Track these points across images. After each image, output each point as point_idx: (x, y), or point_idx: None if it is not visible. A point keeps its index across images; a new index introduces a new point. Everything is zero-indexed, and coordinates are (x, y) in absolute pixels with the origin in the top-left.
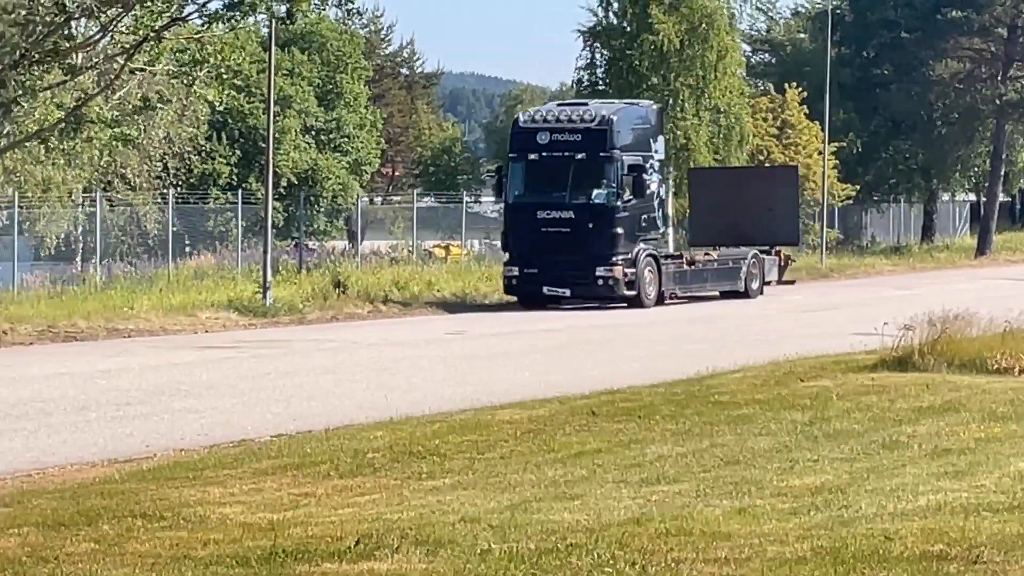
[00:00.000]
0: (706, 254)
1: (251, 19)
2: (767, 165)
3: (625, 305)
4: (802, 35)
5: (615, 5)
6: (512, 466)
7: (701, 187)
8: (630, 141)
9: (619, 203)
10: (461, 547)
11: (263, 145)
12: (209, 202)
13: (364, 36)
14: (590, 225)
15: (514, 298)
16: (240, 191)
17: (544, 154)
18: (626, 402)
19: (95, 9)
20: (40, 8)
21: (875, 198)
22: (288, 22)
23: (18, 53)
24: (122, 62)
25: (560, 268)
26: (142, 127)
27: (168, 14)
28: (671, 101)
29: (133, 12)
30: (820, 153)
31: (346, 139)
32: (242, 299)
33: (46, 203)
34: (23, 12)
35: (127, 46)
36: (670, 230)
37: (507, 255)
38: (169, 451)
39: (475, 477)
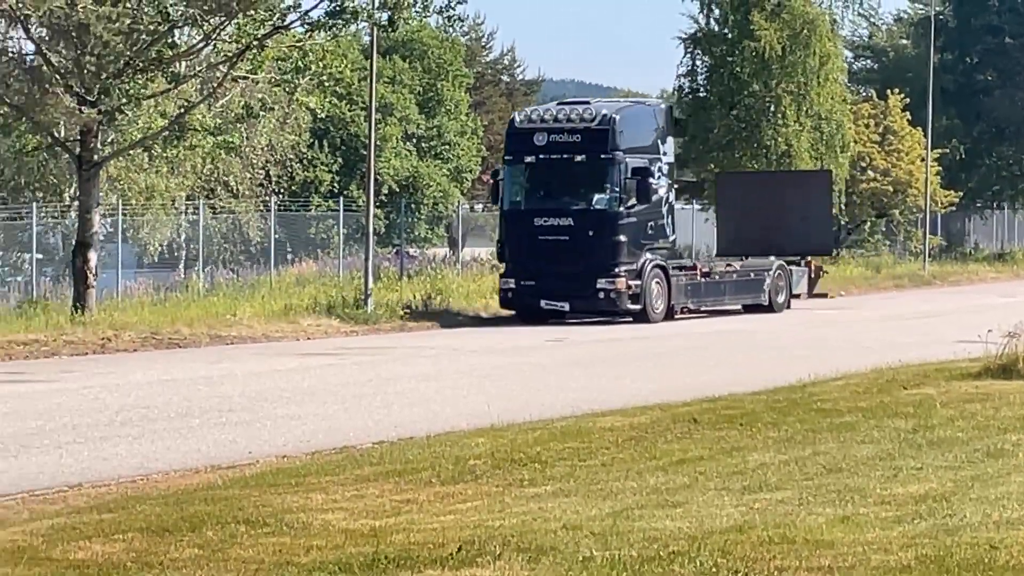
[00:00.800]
0: (728, 265)
1: (353, 27)
2: (800, 170)
3: (630, 320)
4: (904, 41)
5: (716, 12)
6: (614, 473)
7: (730, 193)
8: (635, 142)
9: (622, 209)
10: (563, 554)
11: (364, 152)
12: (311, 209)
13: (465, 43)
14: (590, 233)
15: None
16: (341, 198)
17: (542, 156)
18: (728, 409)
19: (198, 18)
20: (144, 17)
21: (978, 204)
22: (390, 30)
23: (122, 62)
24: (225, 70)
25: (559, 280)
26: (244, 135)
27: (271, 22)
28: (772, 107)
29: (236, 20)
30: (923, 160)
31: (447, 146)
32: (343, 306)
33: (149, 211)
34: (127, 21)
35: (230, 54)
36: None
37: (503, 266)
38: (271, 457)
39: (576, 484)
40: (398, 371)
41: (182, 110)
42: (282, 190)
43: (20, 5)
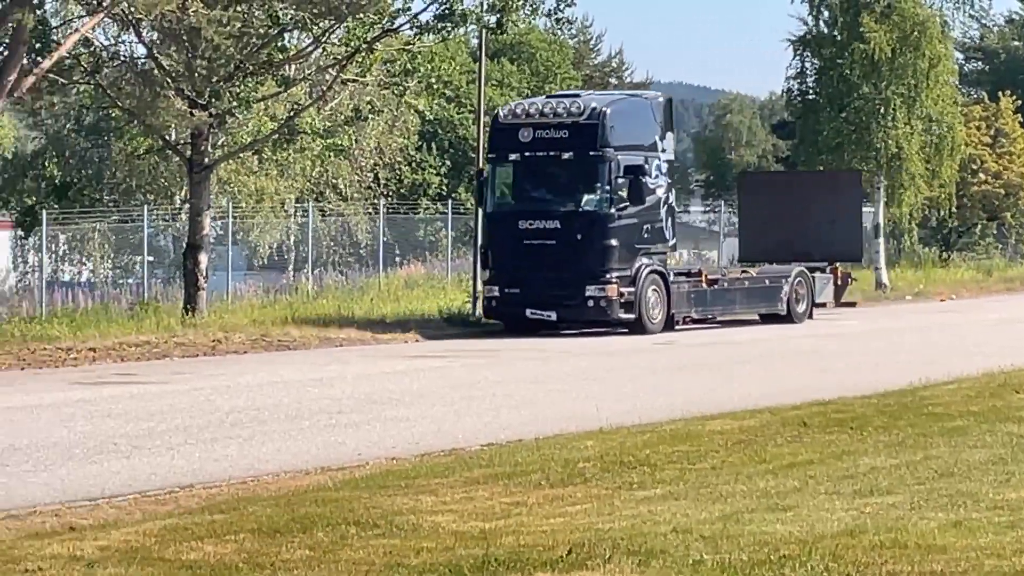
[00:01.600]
0: (743, 271)
1: (462, 30)
2: (828, 170)
3: (626, 331)
4: (1016, 42)
5: (825, 14)
6: (723, 477)
7: (754, 195)
8: (628, 138)
9: (613, 210)
10: (673, 558)
11: (473, 155)
12: (419, 212)
13: (573, 46)
14: (579, 236)
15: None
16: (450, 201)
17: (527, 154)
18: (838, 413)
19: (308, 21)
20: (255, 21)
21: None
22: (498, 32)
23: (233, 65)
24: (334, 73)
25: (545, 287)
26: (353, 137)
27: (380, 25)
28: (882, 110)
29: (345, 24)
30: None
31: None
32: (452, 308)
33: (259, 213)
34: (238, 25)
35: (339, 57)
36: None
37: (487, 272)
38: (381, 459)
39: (686, 488)
40: (506, 374)
41: (292, 113)
42: (391, 193)
43: (132, 9)
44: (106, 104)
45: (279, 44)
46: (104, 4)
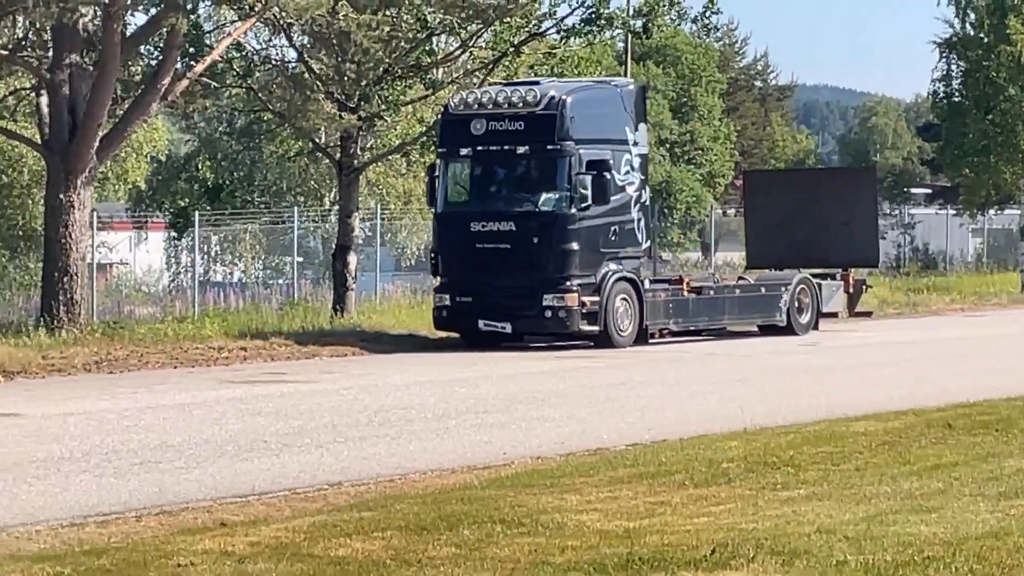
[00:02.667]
0: (740, 278)
1: (608, 33)
2: (840, 167)
3: (592, 344)
4: None
5: (972, 16)
6: (867, 478)
7: (761, 196)
8: (593, 130)
9: (574, 210)
10: (817, 558)
11: None
12: None
13: (718, 49)
14: (535, 240)
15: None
16: None
17: (479, 148)
18: (983, 415)
19: (456, 25)
20: (403, 25)
21: None
22: (644, 36)
23: (381, 68)
24: (481, 76)
25: (499, 296)
26: None
27: (526, 29)
28: None
29: (492, 28)
30: None
31: (700, 151)
32: None
33: (407, 215)
34: (387, 29)
35: (486, 61)
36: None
37: (437, 279)
38: (526, 459)
39: (830, 488)
40: (649, 375)
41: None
42: None
43: (283, 14)
44: (257, 107)
45: (427, 48)
46: (256, 9)
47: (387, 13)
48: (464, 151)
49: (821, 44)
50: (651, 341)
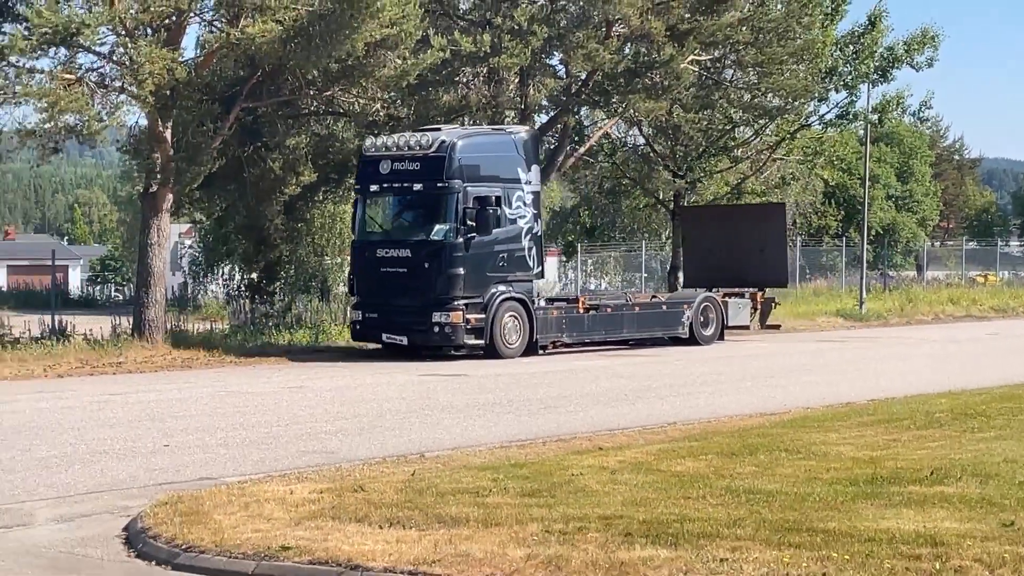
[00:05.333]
0: (653, 296)
1: (853, 124)
2: (756, 204)
3: (482, 354)
4: None
5: None
6: None
7: (693, 227)
8: (482, 170)
9: (460, 240)
10: (1004, 479)
11: (860, 207)
12: (823, 245)
13: (928, 134)
14: (426, 265)
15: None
16: (844, 239)
17: (384, 185)
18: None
19: (751, 120)
20: (716, 120)
21: None
22: (879, 126)
23: (701, 149)
24: (768, 154)
25: (398, 313)
26: (779, 197)
27: (798, 123)
28: None
29: (776, 122)
30: None
31: (916, 203)
32: (845, 309)
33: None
34: (705, 123)
35: (771, 143)
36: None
37: (354, 299)
38: (799, 408)
39: (1012, 431)
40: (881, 353)
41: (739, 180)
42: (804, 232)
43: (635, 114)
44: (618, 175)
45: (732, 135)
46: (618, 111)
47: (705, 113)
48: (374, 187)
49: (1001, 125)
50: (542, 352)
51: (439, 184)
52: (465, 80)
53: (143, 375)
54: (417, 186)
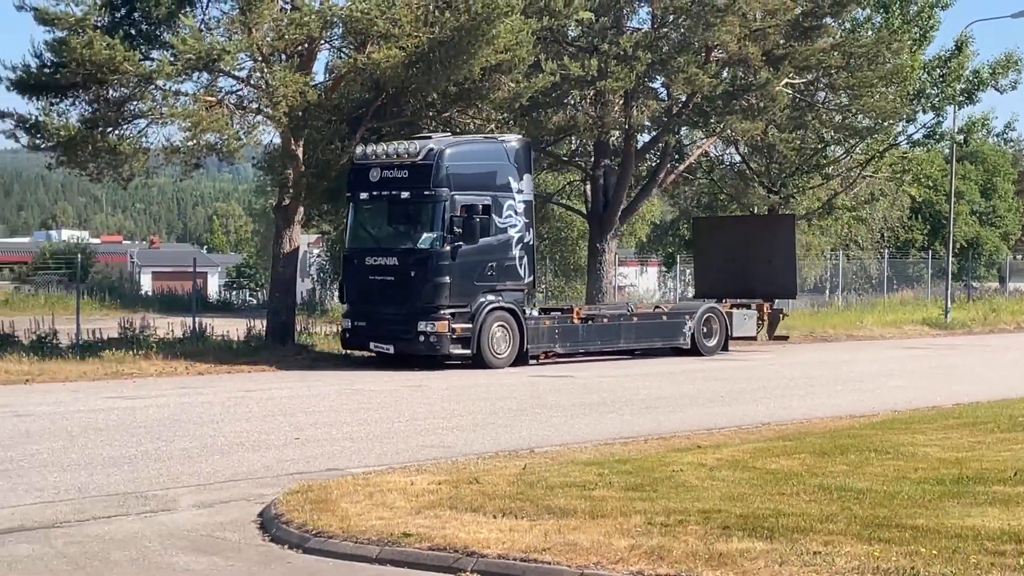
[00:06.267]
0: (656, 307)
1: (940, 143)
2: (766, 214)
3: (469, 363)
4: None
5: None
6: None
7: (706, 238)
8: (471, 179)
9: (447, 248)
10: None
11: (945, 222)
12: (909, 258)
13: (1011, 153)
14: (412, 274)
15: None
16: (930, 251)
17: (374, 193)
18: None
19: (842, 139)
20: (808, 140)
21: None
22: (964, 145)
23: (794, 167)
24: (858, 171)
25: (385, 322)
26: (869, 212)
27: (887, 142)
28: None
29: (866, 141)
30: None
31: (999, 218)
32: (931, 318)
33: (807, 257)
34: (798, 142)
35: (861, 161)
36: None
37: (344, 306)
38: (887, 411)
39: None
40: (963, 360)
41: (830, 196)
42: (891, 246)
43: (732, 133)
44: (716, 191)
45: (824, 154)
46: (716, 130)
47: (798, 132)
48: (363, 195)
49: None
50: (532, 363)
51: (426, 192)
52: (573, 102)
53: (275, 373)
54: (405, 194)
